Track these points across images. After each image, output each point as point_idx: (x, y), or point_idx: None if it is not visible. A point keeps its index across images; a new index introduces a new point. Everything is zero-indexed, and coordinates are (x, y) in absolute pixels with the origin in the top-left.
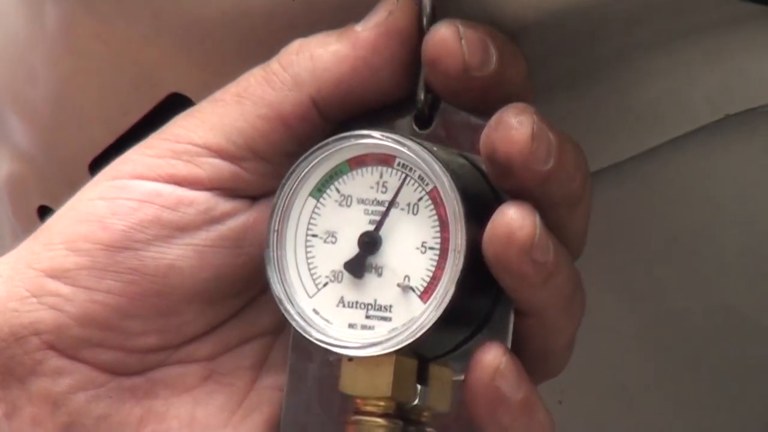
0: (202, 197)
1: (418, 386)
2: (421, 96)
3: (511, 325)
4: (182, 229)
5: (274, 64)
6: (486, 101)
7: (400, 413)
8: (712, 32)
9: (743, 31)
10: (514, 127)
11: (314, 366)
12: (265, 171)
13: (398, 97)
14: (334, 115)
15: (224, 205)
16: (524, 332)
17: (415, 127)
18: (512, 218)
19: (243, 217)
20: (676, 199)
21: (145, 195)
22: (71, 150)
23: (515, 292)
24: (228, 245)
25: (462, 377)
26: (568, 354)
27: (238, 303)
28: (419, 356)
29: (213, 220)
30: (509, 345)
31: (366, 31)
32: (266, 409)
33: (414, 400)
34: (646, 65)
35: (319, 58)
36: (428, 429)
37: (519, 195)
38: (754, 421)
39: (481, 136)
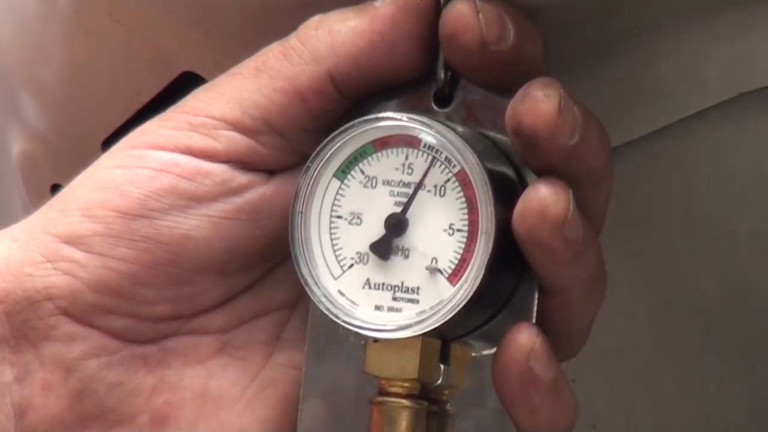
0: (218, 169)
1: (441, 366)
2: (441, 74)
3: (535, 304)
4: (198, 199)
5: (292, 39)
6: (504, 78)
7: (423, 393)
8: (725, 10)
9: (756, 8)
10: (540, 100)
11: (333, 345)
12: (280, 146)
13: (415, 75)
14: (351, 90)
15: (241, 177)
16: (547, 311)
17: (435, 106)
18: (546, 194)
19: (260, 190)
20: (689, 178)
21: (162, 164)
22: (84, 129)
23: (543, 269)
24: (244, 217)
25: (483, 353)
26: (586, 335)
27: (252, 276)
28: (442, 336)
29: (230, 192)
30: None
31: (384, 6)
32: (281, 386)
33: (438, 380)
34: (660, 43)
35: (337, 32)
36: (449, 407)
37: (544, 171)
38: (766, 399)
39: (507, 110)
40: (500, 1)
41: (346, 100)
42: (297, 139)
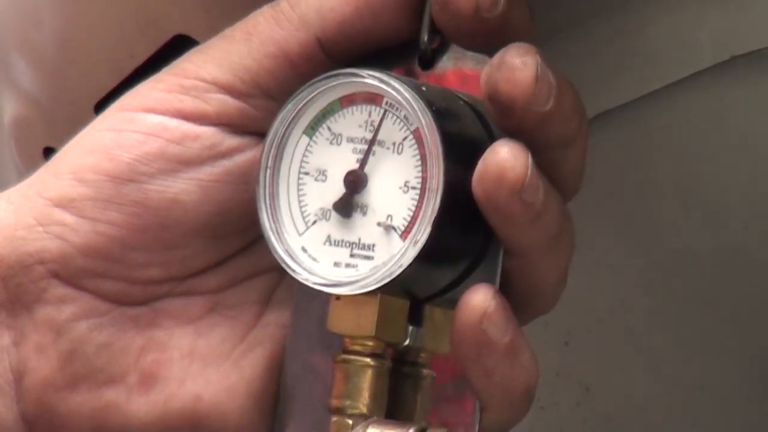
0: (208, 132)
1: (410, 327)
2: (425, 37)
3: (499, 265)
4: (187, 163)
5: (282, 3)
6: (490, 44)
7: (395, 354)
8: None
9: None
10: (518, 68)
11: (319, 304)
12: (272, 108)
13: (404, 38)
14: (339, 55)
15: (231, 140)
16: (512, 272)
17: (419, 68)
18: (504, 157)
19: (250, 153)
20: (681, 141)
21: (152, 128)
22: (77, 92)
23: (502, 232)
24: (233, 180)
25: None
26: (557, 293)
27: (244, 238)
28: (411, 296)
29: (219, 155)
30: (497, 284)
31: None
32: (269, 345)
33: (404, 341)
34: (651, 6)
35: None
36: (425, 370)
37: (515, 134)
38: (760, 361)
39: (482, 75)
40: None
41: (335, 63)
42: None
